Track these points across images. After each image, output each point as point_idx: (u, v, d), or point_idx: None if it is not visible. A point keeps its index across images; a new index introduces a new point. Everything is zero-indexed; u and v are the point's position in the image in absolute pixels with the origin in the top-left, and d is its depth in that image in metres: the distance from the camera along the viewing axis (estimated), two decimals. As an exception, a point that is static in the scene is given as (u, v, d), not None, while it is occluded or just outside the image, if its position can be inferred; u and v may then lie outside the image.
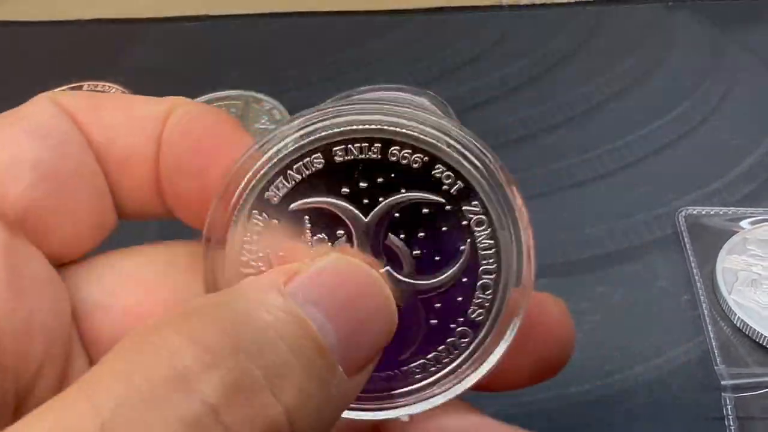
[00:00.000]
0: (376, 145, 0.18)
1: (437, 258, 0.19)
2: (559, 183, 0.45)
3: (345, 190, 0.19)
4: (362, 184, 0.19)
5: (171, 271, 0.21)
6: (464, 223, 0.19)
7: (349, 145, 0.19)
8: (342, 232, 0.19)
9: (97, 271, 0.21)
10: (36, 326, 0.19)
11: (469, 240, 0.19)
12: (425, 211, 0.19)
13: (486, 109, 0.49)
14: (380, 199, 0.19)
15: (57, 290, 0.20)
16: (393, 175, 0.19)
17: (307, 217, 0.19)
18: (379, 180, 0.19)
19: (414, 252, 0.19)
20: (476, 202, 0.19)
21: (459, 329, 0.20)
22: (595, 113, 0.49)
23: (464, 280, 0.19)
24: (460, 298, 0.20)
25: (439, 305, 0.20)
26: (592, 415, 0.35)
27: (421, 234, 0.19)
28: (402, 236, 0.19)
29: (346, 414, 0.19)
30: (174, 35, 0.58)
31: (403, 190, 0.19)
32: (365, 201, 0.19)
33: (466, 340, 0.20)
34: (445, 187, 0.19)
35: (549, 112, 0.49)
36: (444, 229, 0.19)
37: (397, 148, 0.18)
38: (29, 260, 0.20)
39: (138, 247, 0.22)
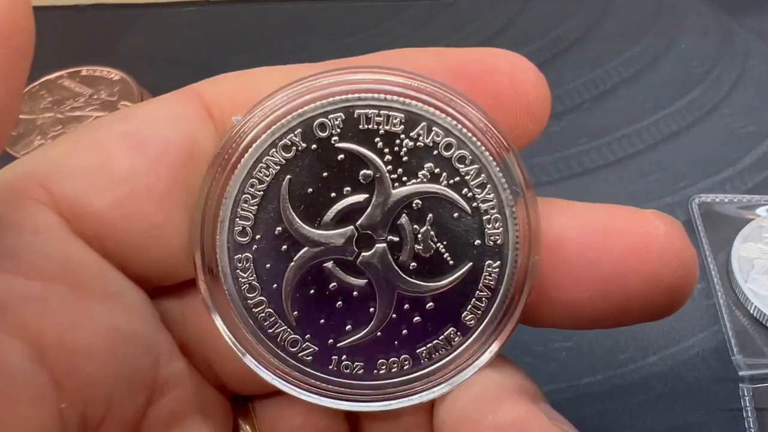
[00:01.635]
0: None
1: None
2: (569, 170, 0.44)
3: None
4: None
5: None
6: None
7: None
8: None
9: None
10: (103, 346, 0.17)
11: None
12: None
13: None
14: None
15: (132, 307, 0.18)
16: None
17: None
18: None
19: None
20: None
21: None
22: (605, 99, 0.48)
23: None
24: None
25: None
26: (606, 406, 0.34)
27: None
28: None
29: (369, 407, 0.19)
30: (174, 20, 0.56)
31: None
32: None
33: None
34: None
35: (558, 98, 0.48)
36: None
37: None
38: (98, 275, 0.18)
39: None
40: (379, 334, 0.19)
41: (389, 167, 0.18)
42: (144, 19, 0.56)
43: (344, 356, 0.19)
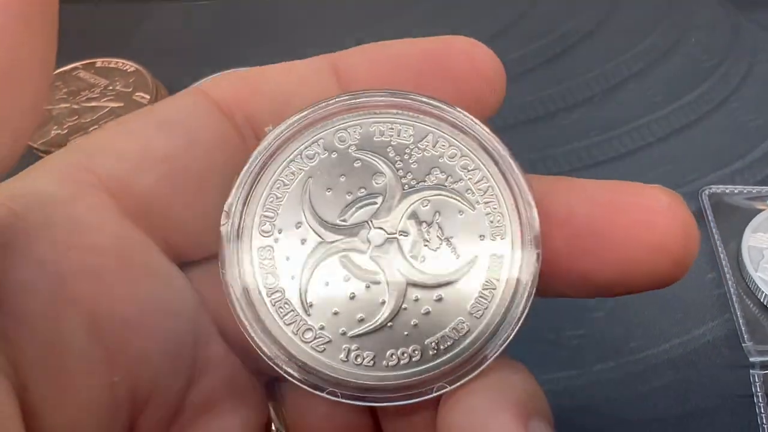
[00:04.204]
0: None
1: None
2: (580, 162, 0.44)
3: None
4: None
5: None
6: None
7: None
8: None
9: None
10: (151, 321, 0.18)
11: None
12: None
13: (506, 89, 0.48)
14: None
15: (176, 285, 0.19)
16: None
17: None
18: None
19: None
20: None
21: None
22: (615, 93, 0.48)
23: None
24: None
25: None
26: (617, 393, 0.34)
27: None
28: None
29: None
30: (189, 13, 0.57)
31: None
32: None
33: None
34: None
35: (569, 92, 0.48)
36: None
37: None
38: (145, 253, 0.19)
39: None
40: (390, 325, 0.20)
41: (400, 172, 0.20)
42: (159, 11, 0.57)
43: (355, 346, 0.20)
